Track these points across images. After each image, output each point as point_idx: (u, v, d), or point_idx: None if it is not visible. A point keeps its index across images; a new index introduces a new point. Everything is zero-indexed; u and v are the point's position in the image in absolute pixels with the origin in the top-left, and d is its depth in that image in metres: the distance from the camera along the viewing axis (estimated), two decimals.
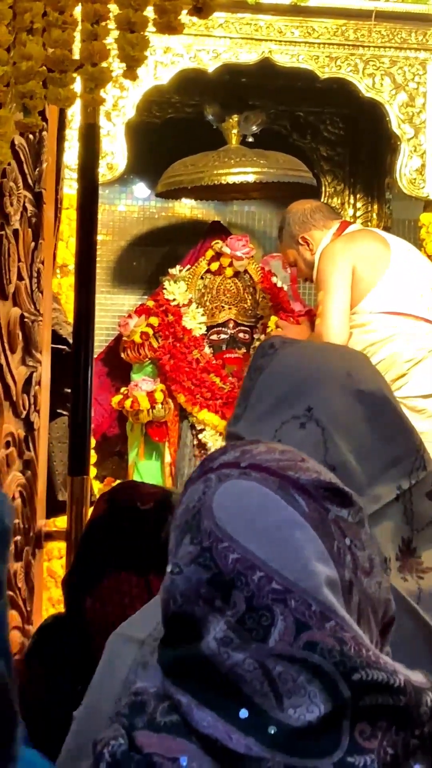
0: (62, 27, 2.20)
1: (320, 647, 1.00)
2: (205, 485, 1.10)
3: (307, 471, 1.10)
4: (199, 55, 5.02)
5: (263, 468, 1.09)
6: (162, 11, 2.21)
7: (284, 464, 1.09)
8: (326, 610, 1.02)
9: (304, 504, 1.06)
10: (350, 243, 4.69)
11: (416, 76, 5.16)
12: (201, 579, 1.04)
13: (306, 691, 0.98)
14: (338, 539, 1.06)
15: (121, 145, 4.95)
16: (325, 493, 1.08)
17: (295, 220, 4.91)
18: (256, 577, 1.02)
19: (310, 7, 5.02)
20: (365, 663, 1.00)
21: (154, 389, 5.22)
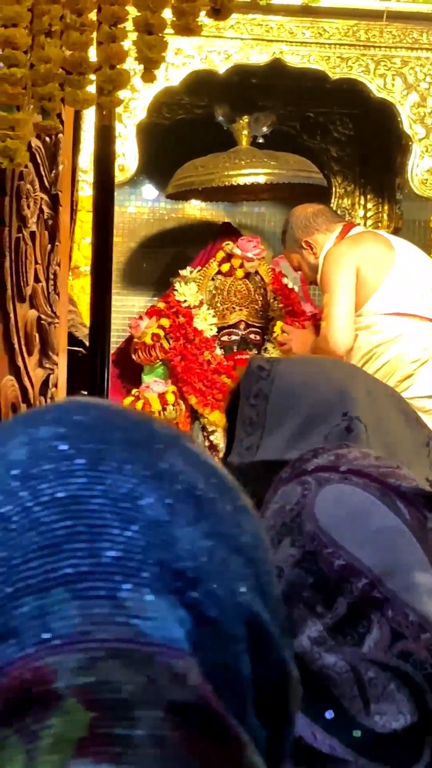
0: (80, 29, 2.20)
1: (413, 658, 1.00)
2: (303, 487, 1.09)
3: (405, 478, 1.09)
4: (210, 56, 5.02)
5: (364, 474, 1.08)
6: (180, 13, 2.21)
7: (383, 471, 1.09)
8: (424, 622, 1.01)
9: (405, 512, 1.06)
10: (354, 245, 4.69)
11: (428, 77, 5.16)
12: (305, 583, 1.03)
13: (394, 699, 0.98)
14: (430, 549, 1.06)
15: (132, 146, 4.95)
16: (425, 501, 1.08)
17: (298, 224, 4.91)
18: (360, 584, 1.02)
19: (321, 8, 5.01)
20: None
21: (165, 391, 5.22)
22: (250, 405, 1.52)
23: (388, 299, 4.58)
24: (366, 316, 4.58)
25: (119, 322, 5.69)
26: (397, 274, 4.61)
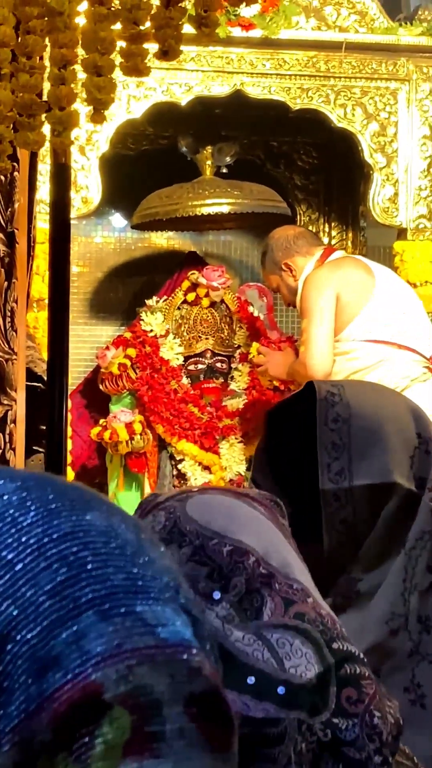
0: (30, 72, 2.23)
1: (307, 617, 1.08)
2: (167, 511, 1.16)
3: (250, 489, 1.20)
4: (172, 88, 5.06)
5: (215, 488, 1.17)
6: (128, 55, 2.25)
7: (230, 488, 1.19)
8: (305, 589, 1.10)
9: (261, 509, 1.14)
10: (335, 271, 4.70)
11: (387, 106, 5.22)
12: (199, 574, 1.09)
13: (302, 653, 1.06)
14: (289, 539, 1.14)
15: (95, 179, 4.98)
16: (271, 503, 1.17)
17: (278, 246, 4.92)
18: (250, 561, 1.08)
19: (281, 40, 5.07)
20: (340, 635, 1.09)
21: (132, 420, 5.24)
22: (330, 430, 1.58)
23: (368, 326, 4.59)
24: (345, 342, 4.59)
25: (87, 352, 5.72)
26: (377, 301, 4.62)
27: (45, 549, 0.62)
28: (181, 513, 1.14)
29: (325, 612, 1.09)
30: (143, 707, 0.59)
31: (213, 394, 5.39)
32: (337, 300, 4.56)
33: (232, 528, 1.11)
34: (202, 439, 5.27)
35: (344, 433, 1.57)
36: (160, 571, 0.65)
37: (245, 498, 1.15)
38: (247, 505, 1.14)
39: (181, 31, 2.26)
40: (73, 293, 5.94)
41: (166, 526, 1.14)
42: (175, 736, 0.59)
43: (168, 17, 2.24)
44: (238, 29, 4.97)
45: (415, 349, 4.60)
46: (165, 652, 0.61)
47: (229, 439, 5.30)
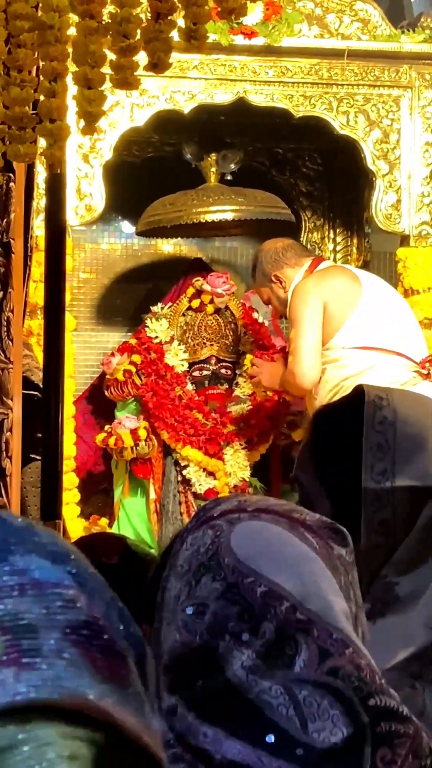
0: (21, 85, 2.26)
1: (341, 672, 1.04)
2: (215, 530, 1.14)
3: (308, 514, 1.15)
4: (175, 96, 5.09)
5: (270, 510, 1.14)
6: (118, 68, 2.28)
7: (286, 508, 1.15)
8: (345, 639, 1.06)
9: (314, 541, 1.12)
10: (321, 280, 4.73)
11: (390, 113, 5.23)
12: (229, 614, 1.07)
13: (329, 715, 1.03)
14: (343, 575, 1.12)
15: (99, 186, 5.01)
16: (328, 532, 1.14)
17: (267, 258, 4.95)
18: (283, 608, 1.06)
19: (284, 48, 5.09)
20: (379, 689, 1.04)
21: (137, 426, 5.26)
22: (376, 431, 1.61)
23: (355, 333, 4.62)
24: (333, 350, 4.62)
25: (93, 358, 5.75)
26: (364, 309, 4.65)
27: None
28: (225, 540, 1.11)
29: (364, 663, 1.05)
30: (14, 629, 0.63)
31: (217, 400, 5.41)
32: (324, 309, 4.59)
33: (273, 567, 1.08)
34: (206, 445, 5.29)
35: (390, 436, 1.59)
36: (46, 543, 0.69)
37: (299, 528, 1.12)
38: (299, 537, 1.11)
39: (170, 44, 2.29)
40: (80, 300, 6.00)
41: (209, 550, 1.12)
42: (54, 654, 0.63)
43: (157, 30, 2.27)
44: (241, 37, 5.00)
45: (404, 354, 4.63)
46: (37, 586, 0.65)
47: (234, 445, 5.32)
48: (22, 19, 2.22)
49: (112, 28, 2.25)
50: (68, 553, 0.70)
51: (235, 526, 1.12)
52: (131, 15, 2.24)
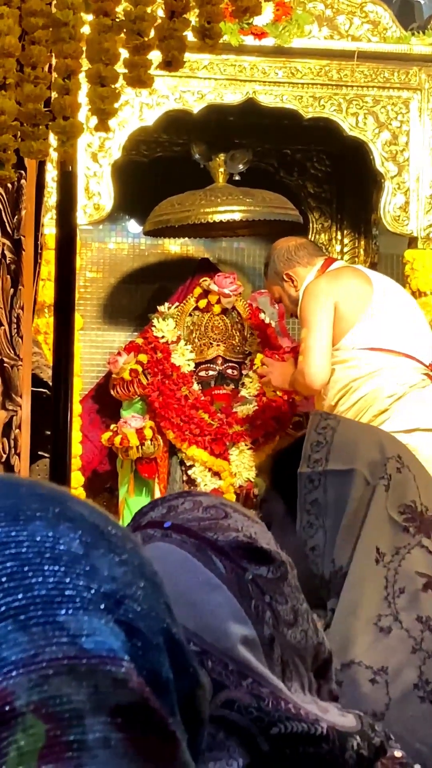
0: (35, 82, 2.26)
1: (237, 705, 1.03)
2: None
3: (227, 530, 1.13)
4: (184, 96, 5.09)
5: (184, 529, 1.13)
6: (132, 65, 2.27)
7: (205, 524, 1.13)
8: (243, 669, 1.05)
9: (221, 566, 1.10)
10: (333, 280, 4.73)
11: (399, 115, 5.23)
12: None
13: (225, 746, 1.02)
14: (256, 598, 1.09)
15: (107, 185, 5.01)
16: (243, 552, 1.12)
17: (280, 257, 4.95)
18: None
19: (294, 49, 5.09)
20: (284, 716, 1.03)
21: (143, 426, 5.26)
22: (317, 433, 1.82)
23: (366, 335, 4.62)
24: (343, 350, 4.62)
25: (100, 358, 5.75)
26: (375, 310, 4.65)
27: None
28: None
29: (266, 692, 1.04)
30: (59, 716, 0.58)
31: (223, 400, 5.41)
32: (335, 309, 4.59)
33: (169, 596, 1.09)
34: (212, 445, 5.29)
35: (329, 436, 1.80)
36: (101, 580, 0.63)
37: (207, 551, 1.10)
38: (204, 562, 1.10)
39: (185, 42, 2.29)
40: (87, 299, 6.01)
41: None
42: (98, 745, 0.58)
43: (172, 28, 2.27)
44: (251, 38, 5.00)
45: (413, 356, 4.62)
46: (87, 663, 0.60)
47: (239, 445, 5.32)
48: (37, 16, 2.21)
49: (126, 25, 2.25)
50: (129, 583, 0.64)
51: (147, 545, 1.12)
52: (145, 13, 2.24)
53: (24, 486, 0.68)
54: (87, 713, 0.58)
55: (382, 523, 1.68)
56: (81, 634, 0.60)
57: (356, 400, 4.55)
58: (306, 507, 1.73)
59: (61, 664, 0.59)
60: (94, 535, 0.66)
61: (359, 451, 1.77)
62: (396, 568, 1.61)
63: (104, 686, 0.59)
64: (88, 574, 0.63)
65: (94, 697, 0.59)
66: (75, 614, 0.61)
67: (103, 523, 0.68)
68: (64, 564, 0.63)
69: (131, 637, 0.62)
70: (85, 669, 0.59)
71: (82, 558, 0.64)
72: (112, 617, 0.62)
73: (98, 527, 0.67)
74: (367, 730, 1.10)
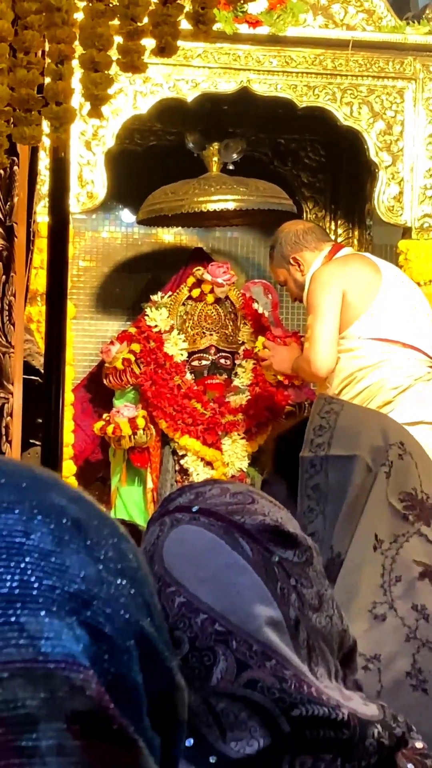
0: (27, 67, 2.25)
1: (260, 685, 1.04)
2: (160, 528, 1.15)
3: (254, 514, 1.14)
4: (178, 84, 5.07)
5: (212, 513, 1.14)
6: (125, 51, 2.26)
7: (233, 508, 1.14)
8: (267, 650, 1.06)
9: (248, 548, 1.11)
10: (342, 267, 4.69)
11: (394, 105, 5.21)
12: None
13: (247, 726, 1.03)
14: (282, 580, 1.10)
15: (100, 174, 4.99)
16: (270, 536, 1.13)
17: (287, 240, 4.91)
18: (199, 620, 1.07)
19: (288, 37, 5.07)
20: (306, 699, 1.04)
21: (135, 415, 5.25)
22: (320, 417, 1.78)
23: (373, 324, 4.58)
24: (349, 339, 4.58)
25: (92, 347, 5.74)
26: (383, 300, 4.60)
27: None
28: (160, 544, 1.13)
29: (289, 674, 1.05)
30: (11, 721, 0.55)
31: (216, 390, 5.40)
32: (343, 297, 4.55)
33: (195, 578, 1.09)
34: (204, 435, 5.28)
35: (332, 421, 1.76)
36: (70, 579, 0.61)
37: (234, 534, 1.12)
38: (231, 544, 1.11)
39: (178, 28, 2.27)
40: (80, 288, 5.99)
41: (148, 551, 1.14)
42: (52, 752, 0.55)
43: (165, 14, 2.25)
44: (245, 26, 4.97)
45: (420, 348, 4.59)
46: (44, 667, 0.57)
47: (232, 435, 5.31)
48: (30, 1, 2.20)
49: (120, 11, 2.23)
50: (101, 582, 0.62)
51: (172, 530, 1.14)
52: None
53: (6, 474, 0.65)
54: (41, 719, 0.56)
55: (382, 510, 1.65)
56: (40, 637, 0.58)
57: (361, 390, 4.52)
58: (307, 492, 1.71)
59: (17, 667, 0.57)
60: (71, 530, 0.63)
61: (362, 437, 1.74)
62: (393, 556, 1.60)
63: (61, 692, 0.57)
64: (56, 572, 0.60)
65: (49, 702, 0.56)
66: (36, 615, 0.58)
67: (86, 515, 0.65)
68: (31, 561, 0.60)
69: (96, 640, 0.60)
70: (41, 673, 0.57)
71: (52, 554, 0.61)
72: (77, 619, 0.59)
73: (78, 521, 0.64)
74: (389, 721, 1.11)
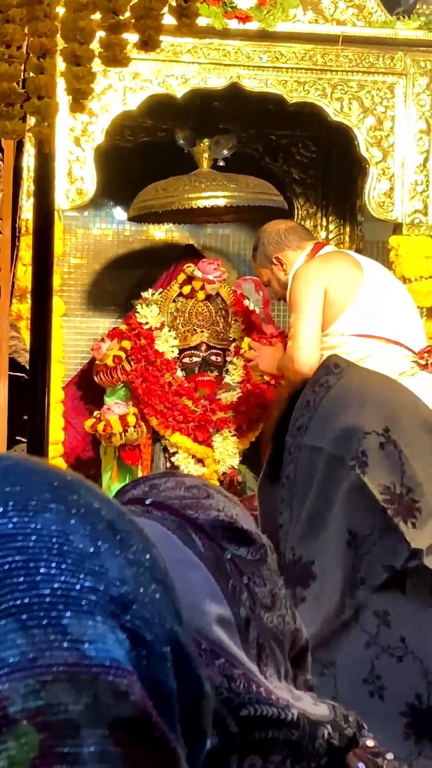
0: (9, 61, 2.23)
1: (208, 684, 1.02)
2: None
3: (208, 509, 1.11)
4: (168, 80, 5.05)
5: (165, 506, 1.11)
6: (107, 45, 2.25)
7: (187, 502, 1.11)
8: (216, 648, 1.03)
9: (200, 544, 1.08)
10: (323, 265, 4.70)
11: (384, 100, 5.20)
12: None
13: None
14: (234, 578, 1.07)
15: (90, 170, 4.97)
16: (223, 532, 1.10)
17: (269, 240, 4.92)
18: None
19: (278, 33, 5.05)
20: (255, 699, 1.01)
21: (126, 412, 5.24)
22: (312, 390, 1.63)
23: (356, 321, 4.59)
24: (332, 336, 4.59)
25: (84, 344, 5.73)
26: (365, 296, 4.61)
27: None
28: None
29: (238, 672, 1.03)
30: (54, 726, 0.55)
31: (207, 387, 5.39)
32: (325, 294, 4.56)
33: None
34: (195, 432, 5.27)
35: (320, 397, 1.62)
36: (109, 583, 0.60)
37: (187, 528, 1.08)
38: (184, 539, 1.08)
39: (161, 22, 2.26)
40: (71, 285, 5.97)
41: None
42: (94, 758, 0.55)
43: (148, 7, 2.24)
44: (235, 21, 4.96)
45: (403, 344, 4.60)
46: (88, 671, 0.57)
47: (223, 432, 5.30)
48: None
49: (102, 4, 2.22)
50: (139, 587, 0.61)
51: None
52: None
53: (37, 472, 0.64)
54: (84, 725, 0.55)
55: (355, 504, 1.53)
56: (84, 640, 0.57)
57: None
58: (283, 480, 1.61)
59: (61, 671, 0.56)
60: (106, 531, 0.63)
61: (333, 424, 1.59)
62: (363, 555, 1.53)
63: (105, 697, 0.56)
64: (96, 574, 0.60)
65: (93, 708, 0.56)
66: (79, 618, 0.58)
67: (117, 517, 0.65)
68: (72, 562, 0.60)
69: (137, 645, 0.59)
70: (85, 678, 0.56)
71: (92, 557, 0.61)
72: (118, 623, 0.59)
73: (111, 523, 0.63)
74: (339, 721, 1.08)
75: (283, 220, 5.09)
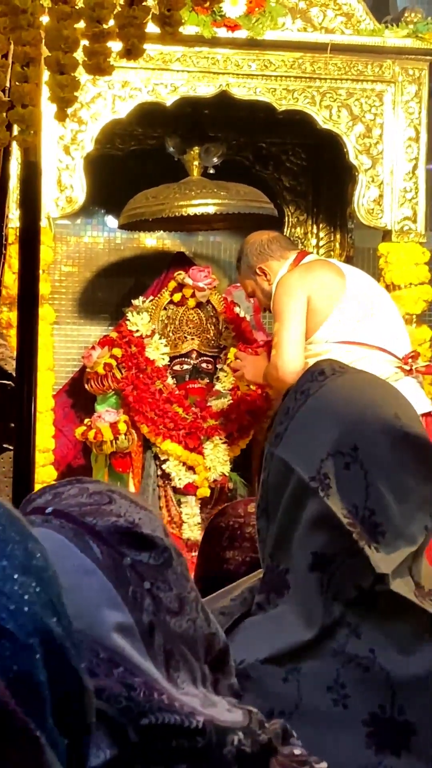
0: None
1: (106, 694, 1.00)
2: None
3: (108, 515, 1.10)
4: (157, 88, 5.06)
5: (65, 514, 1.10)
6: (91, 53, 2.26)
7: (86, 509, 1.10)
8: (115, 657, 1.02)
9: (98, 551, 1.07)
10: (306, 273, 4.72)
11: (373, 108, 5.21)
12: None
13: (93, 737, 1.00)
14: (134, 584, 1.06)
15: (80, 178, 4.98)
16: (122, 537, 1.08)
17: (253, 251, 4.95)
18: None
19: (267, 41, 5.06)
20: (156, 707, 1.00)
21: (117, 420, 5.24)
22: (293, 398, 1.56)
23: (339, 327, 4.62)
24: (316, 344, 4.62)
25: (74, 352, 5.73)
26: (348, 303, 4.65)
27: None
28: None
29: (138, 681, 1.01)
30: None
31: (198, 394, 5.39)
32: (309, 302, 4.59)
33: None
34: (186, 440, 5.27)
35: (299, 404, 1.55)
36: None
37: (84, 536, 1.07)
38: (81, 547, 1.07)
39: (144, 30, 2.27)
40: (62, 293, 5.98)
41: None
42: None
43: (131, 16, 2.25)
44: (224, 30, 4.97)
45: (387, 350, 4.62)
46: None
47: (214, 439, 5.30)
48: None
49: (86, 13, 2.23)
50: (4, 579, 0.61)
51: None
52: (105, 0, 2.22)
53: None
54: None
55: (321, 527, 1.46)
56: None
57: None
58: (261, 482, 1.56)
59: None
60: None
61: (305, 440, 1.51)
62: (332, 576, 1.49)
63: None
64: None
65: None
66: None
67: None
68: None
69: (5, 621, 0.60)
70: None
71: None
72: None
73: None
74: (254, 727, 1.05)
75: (265, 231, 5.11)
